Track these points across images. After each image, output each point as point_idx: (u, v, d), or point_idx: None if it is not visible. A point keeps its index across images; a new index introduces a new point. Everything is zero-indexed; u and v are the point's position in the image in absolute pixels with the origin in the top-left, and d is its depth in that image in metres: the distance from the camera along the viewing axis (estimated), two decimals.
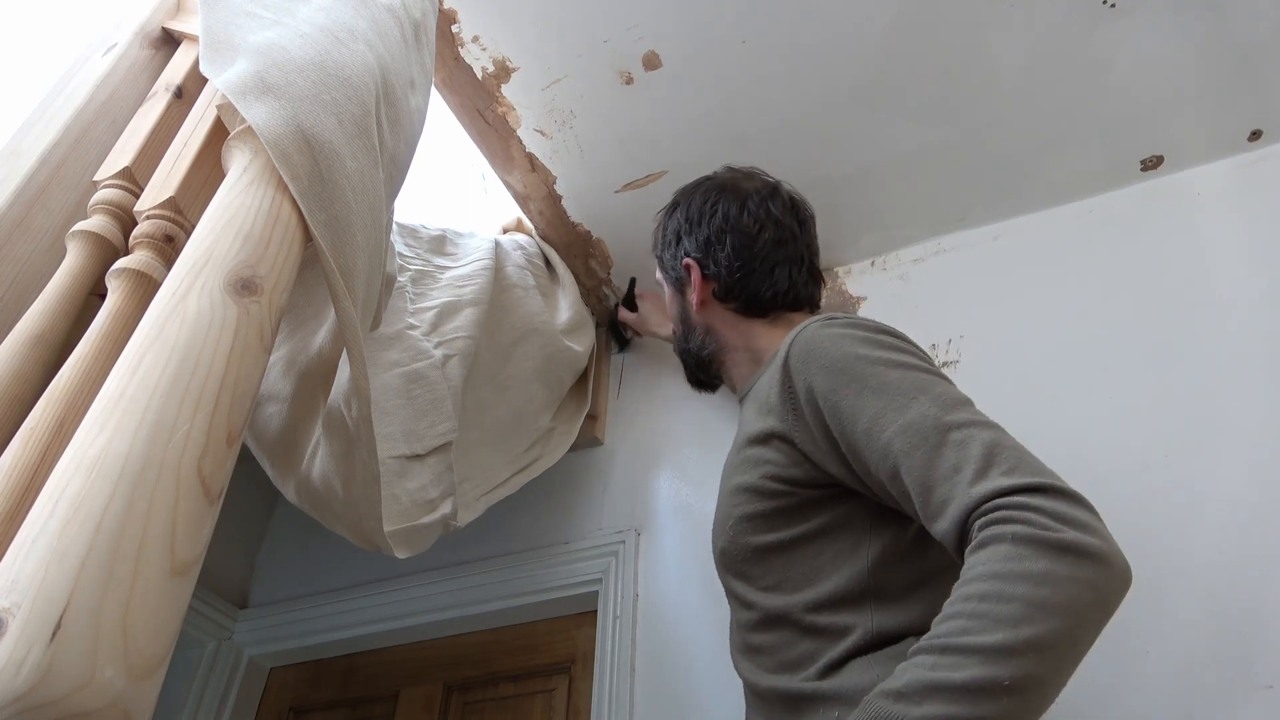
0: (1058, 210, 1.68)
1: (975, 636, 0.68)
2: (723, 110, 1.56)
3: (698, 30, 1.44)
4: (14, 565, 0.50)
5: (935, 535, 0.80)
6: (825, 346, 0.95)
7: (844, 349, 0.93)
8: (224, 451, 0.61)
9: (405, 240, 1.50)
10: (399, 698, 1.75)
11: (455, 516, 1.37)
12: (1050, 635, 0.67)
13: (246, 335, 0.66)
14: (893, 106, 1.53)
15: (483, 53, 1.48)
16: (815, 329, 0.98)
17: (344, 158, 0.83)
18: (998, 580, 0.70)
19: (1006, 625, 0.68)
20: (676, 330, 1.31)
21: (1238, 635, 1.13)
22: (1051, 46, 1.44)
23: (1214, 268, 1.46)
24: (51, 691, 0.46)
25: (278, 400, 1.27)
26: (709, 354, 1.24)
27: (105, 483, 0.53)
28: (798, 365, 0.96)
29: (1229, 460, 1.26)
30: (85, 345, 0.74)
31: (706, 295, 1.24)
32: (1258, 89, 1.48)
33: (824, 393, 0.91)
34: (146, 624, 0.51)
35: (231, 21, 0.91)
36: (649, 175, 1.67)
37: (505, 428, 1.55)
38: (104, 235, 0.85)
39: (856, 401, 0.88)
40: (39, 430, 0.67)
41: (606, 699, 1.44)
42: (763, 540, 0.96)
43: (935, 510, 0.79)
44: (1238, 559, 1.18)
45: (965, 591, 0.72)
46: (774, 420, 0.97)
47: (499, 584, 1.70)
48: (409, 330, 1.36)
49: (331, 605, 1.84)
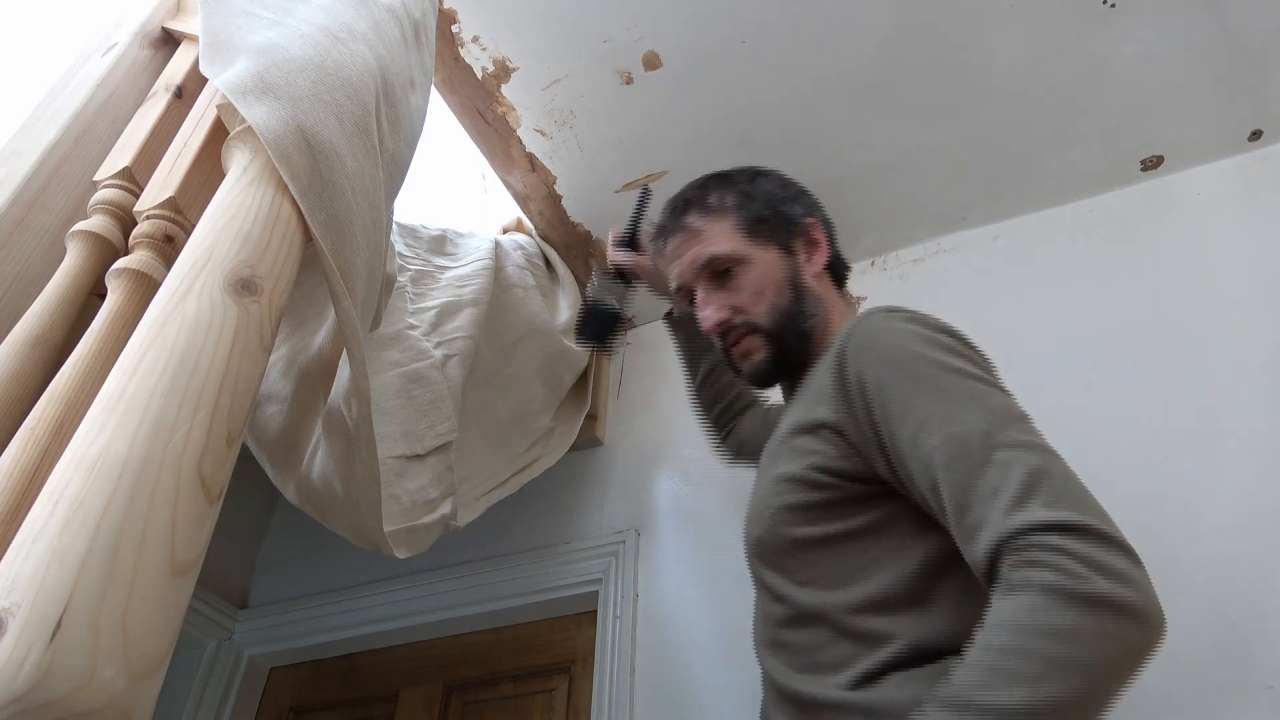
0: (1058, 210, 1.68)
1: (994, 694, 0.66)
2: (723, 110, 1.56)
3: (698, 30, 1.44)
4: (14, 565, 0.50)
5: (966, 558, 0.78)
6: (884, 339, 0.91)
7: (903, 344, 0.89)
8: (224, 451, 0.61)
9: (405, 240, 1.50)
10: (399, 698, 1.75)
11: (455, 516, 1.37)
12: (1072, 694, 0.65)
13: (246, 335, 0.66)
14: (893, 106, 1.53)
15: (483, 53, 1.48)
16: (877, 319, 0.94)
17: (344, 158, 0.83)
18: (1021, 634, 0.68)
19: (1026, 683, 0.65)
20: (770, 299, 1.08)
21: (1238, 635, 1.13)
22: (1051, 46, 1.44)
23: (1214, 268, 1.46)
24: (51, 691, 0.46)
25: (278, 400, 1.27)
26: (810, 327, 1.08)
27: (105, 483, 0.53)
28: (854, 354, 0.91)
29: (1229, 460, 1.26)
30: (85, 345, 0.74)
31: (825, 262, 1.14)
32: (1258, 89, 1.48)
33: (875, 386, 0.87)
34: (146, 624, 0.51)
35: (231, 21, 0.91)
36: (649, 175, 1.67)
37: (505, 428, 1.55)
38: (104, 235, 0.85)
39: (906, 402, 0.84)
40: (39, 430, 0.67)
41: (606, 699, 1.44)
42: (804, 533, 0.91)
43: (968, 532, 0.76)
44: (1238, 559, 1.18)
45: (989, 641, 0.70)
46: (826, 410, 0.92)
47: (499, 584, 1.70)
48: (409, 330, 1.36)
49: (331, 605, 1.84)
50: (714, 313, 1.08)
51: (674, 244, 1.14)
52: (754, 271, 1.09)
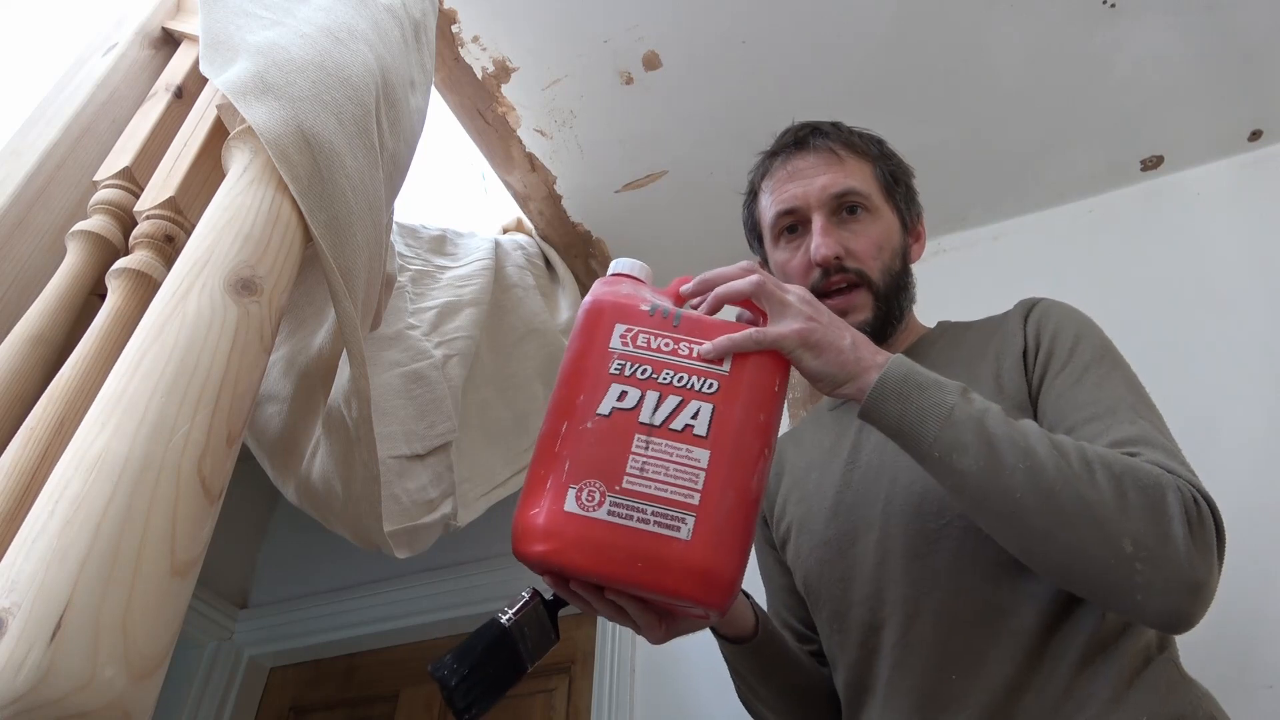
0: (1058, 210, 1.68)
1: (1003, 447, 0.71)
2: (723, 110, 1.56)
3: (698, 30, 1.44)
4: (14, 565, 0.50)
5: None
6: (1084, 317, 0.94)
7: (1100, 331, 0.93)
8: (224, 451, 0.61)
9: (405, 240, 1.50)
10: (399, 698, 1.76)
11: (455, 516, 1.37)
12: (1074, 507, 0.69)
13: (246, 335, 0.66)
14: (893, 106, 1.53)
15: (483, 53, 1.48)
16: (1058, 301, 0.98)
17: (344, 158, 0.83)
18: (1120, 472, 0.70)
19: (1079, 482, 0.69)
20: (886, 260, 1.01)
21: (1238, 635, 1.13)
22: (1051, 46, 1.44)
23: (1214, 268, 1.46)
24: (51, 691, 0.46)
25: (278, 400, 1.27)
26: (907, 306, 1.05)
27: (105, 483, 0.53)
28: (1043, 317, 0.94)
29: (1229, 460, 1.26)
30: (85, 345, 0.74)
31: (919, 256, 1.10)
32: (1258, 89, 1.48)
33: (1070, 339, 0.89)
34: (146, 624, 0.51)
35: (231, 21, 0.91)
36: (649, 175, 1.67)
37: (505, 428, 1.55)
38: (104, 235, 0.85)
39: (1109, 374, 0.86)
40: (39, 430, 0.67)
41: (606, 699, 1.44)
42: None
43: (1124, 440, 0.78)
44: (1238, 559, 1.18)
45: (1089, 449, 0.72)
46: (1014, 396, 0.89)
47: (499, 584, 1.70)
48: (409, 330, 1.36)
49: (331, 605, 1.84)
50: (832, 245, 0.97)
51: (805, 162, 1.03)
52: (879, 225, 1.01)
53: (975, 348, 0.97)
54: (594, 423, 0.71)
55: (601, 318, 0.75)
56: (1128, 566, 0.67)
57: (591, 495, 0.68)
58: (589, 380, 0.73)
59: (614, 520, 0.67)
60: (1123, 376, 0.87)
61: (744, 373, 0.72)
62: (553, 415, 0.73)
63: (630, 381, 0.72)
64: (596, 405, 0.71)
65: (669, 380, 0.72)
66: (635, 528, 0.67)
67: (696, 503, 0.67)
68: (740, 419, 0.71)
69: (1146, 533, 0.68)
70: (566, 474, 0.69)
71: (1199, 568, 0.69)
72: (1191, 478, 0.74)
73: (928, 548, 0.84)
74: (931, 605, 0.82)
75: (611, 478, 0.68)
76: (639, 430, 0.70)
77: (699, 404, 0.71)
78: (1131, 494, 0.69)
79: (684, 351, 0.73)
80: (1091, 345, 0.89)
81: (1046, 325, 0.92)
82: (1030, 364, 0.90)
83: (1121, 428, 0.79)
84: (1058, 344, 0.89)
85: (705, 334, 0.74)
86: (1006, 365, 0.91)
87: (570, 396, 0.73)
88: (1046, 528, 0.69)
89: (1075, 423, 0.81)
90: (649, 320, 0.75)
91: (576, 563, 0.68)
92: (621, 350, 0.73)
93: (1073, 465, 0.70)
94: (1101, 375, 0.85)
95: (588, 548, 0.68)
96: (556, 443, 0.71)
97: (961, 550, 0.82)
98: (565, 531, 0.68)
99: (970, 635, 0.80)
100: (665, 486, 0.68)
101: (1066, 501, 0.69)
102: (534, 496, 0.70)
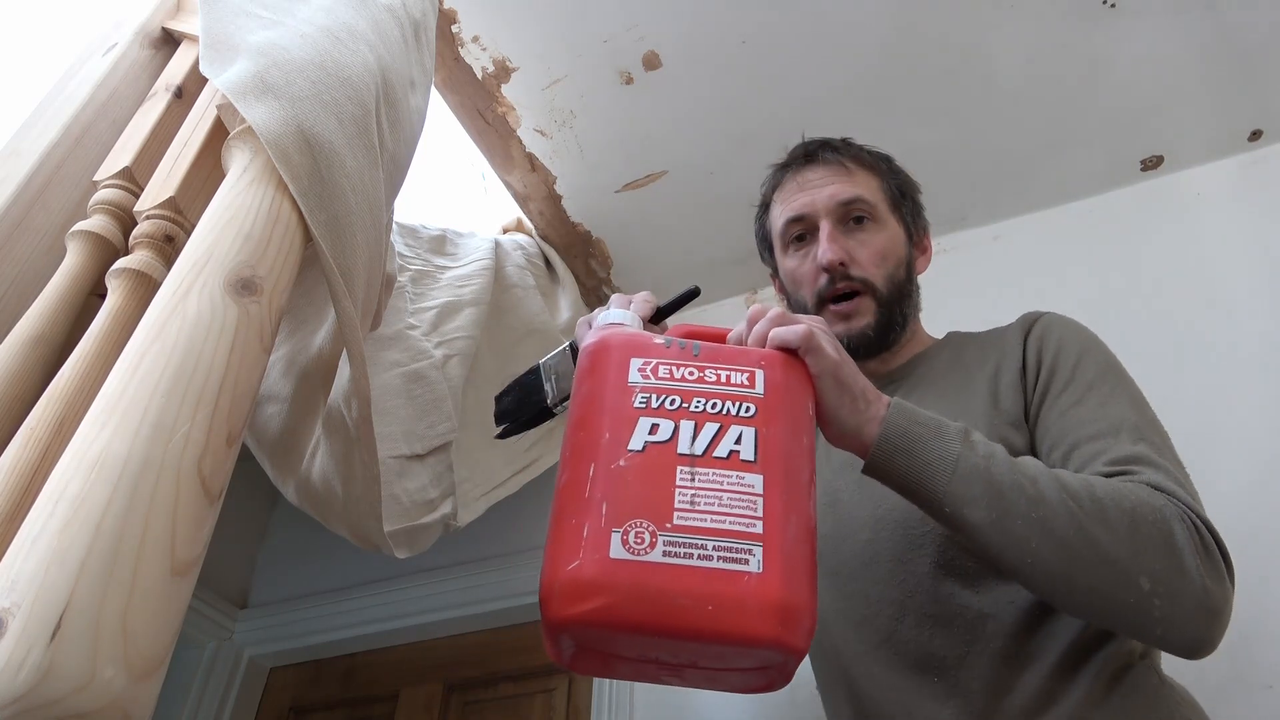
0: (1058, 210, 1.68)
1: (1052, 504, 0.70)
2: (723, 110, 1.56)
3: (698, 30, 1.44)
4: (14, 565, 0.50)
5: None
6: (1088, 333, 0.94)
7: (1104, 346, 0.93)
8: (224, 451, 0.61)
9: (405, 240, 1.50)
10: (399, 698, 1.76)
11: (455, 516, 1.37)
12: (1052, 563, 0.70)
13: (246, 335, 0.66)
14: (893, 106, 1.53)
15: (483, 53, 1.48)
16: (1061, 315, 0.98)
17: (344, 158, 0.83)
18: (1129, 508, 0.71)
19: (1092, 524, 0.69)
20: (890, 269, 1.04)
21: (1238, 635, 1.13)
22: (1051, 46, 1.44)
23: (1214, 268, 1.46)
24: (51, 691, 0.46)
25: (278, 400, 1.27)
26: (910, 315, 1.07)
27: (105, 483, 0.53)
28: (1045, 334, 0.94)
29: (1228, 459, 1.26)
30: (85, 345, 0.74)
31: (924, 269, 1.12)
32: (1258, 89, 1.48)
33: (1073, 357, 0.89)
34: (146, 624, 0.51)
35: (231, 21, 0.91)
36: (649, 175, 1.67)
37: None
38: (104, 235, 0.85)
39: (1112, 392, 0.86)
40: (39, 430, 0.67)
41: (606, 699, 1.44)
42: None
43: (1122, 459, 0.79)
44: (1238, 559, 1.17)
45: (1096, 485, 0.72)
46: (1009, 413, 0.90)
47: (499, 584, 1.70)
48: (409, 330, 1.36)
49: (331, 605, 1.84)
50: (838, 250, 1.01)
51: (815, 174, 1.07)
52: (885, 235, 1.05)
53: (975, 361, 0.98)
54: (627, 460, 0.63)
55: (610, 355, 0.70)
56: (1147, 603, 0.69)
57: (640, 536, 0.60)
58: (610, 418, 0.66)
59: (671, 561, 0.59)
60: (1127, 394, 0.87)
61: (778, 394, 0.68)
62: (574, 461, 0.65)
63: (659, 414, 0.65)
64: (626, 442, 0.64)
65: (701, 408, 0.66)
66: (697, 566, 0.58)
67: (760, 531, 0.60)
68: (785, 440, 0.66)
69: (1162, 569, 0.69)
70: (606, 518, 0.60)
71: (1214, 595, 0.70)
72: (1191, 502, 0.75)
73: (912, 552, 0.85)
74: (915, 607, 0.84)
75: (660, 515, 0.60)
76: (680, 462, 0.63)
77: (740, 428, 0.65)
78: (1144, 529, 0.70)
79: (711, 378, 0.68)
80: (1095, 363, 0.89)
81: (1048, 343, 0.93)
82: (1030, 383, 0.91)
83: (1122, 447, 0.79)
84: (1060, 362, 0.90)
85: (729, 361, 0.69)
86: (1004, 383, 0.92)
87: (593, 438, 0.65)
88: (1064, 574, 0.70)
89: (1077, 440, 0.82)
90: (666, 352, 0.70)
91: (636, 617, 0.57)
92: (643, 384, 0.67)
93: (1083, 506, 0.70)
94: (1105, 394, 0.85)
95: (646, 597, 0.57)
96: (586, 487, 0.63)
97: (945, 554, 0.84)
98: (617, 581, 0.58)
99: (951, 637, 0.81)
100: (723, 517, 0.61)
101: (1081, 549, 0.69)
102: (568, 549, 0.60)
